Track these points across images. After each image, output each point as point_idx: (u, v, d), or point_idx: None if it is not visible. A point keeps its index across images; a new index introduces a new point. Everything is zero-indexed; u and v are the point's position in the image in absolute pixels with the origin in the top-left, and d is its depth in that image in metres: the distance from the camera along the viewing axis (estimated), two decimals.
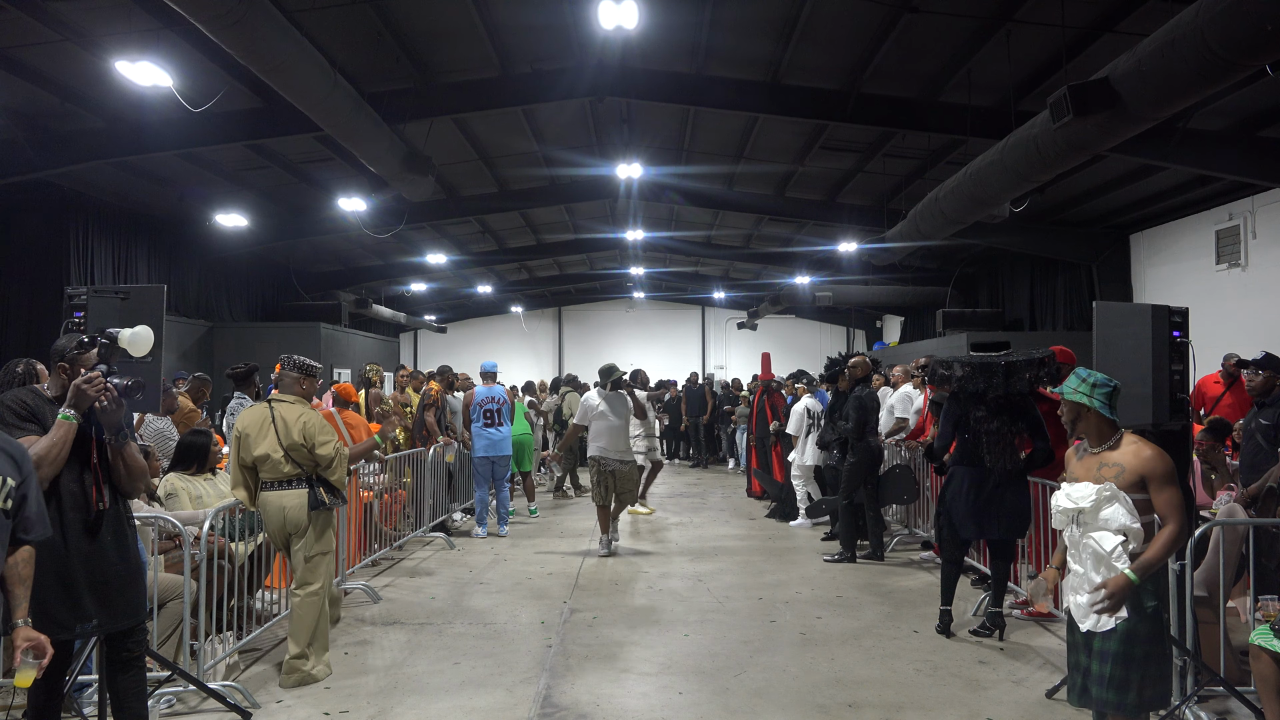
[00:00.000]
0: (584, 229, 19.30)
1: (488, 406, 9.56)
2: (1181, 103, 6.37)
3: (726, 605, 6.46)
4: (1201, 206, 12.32)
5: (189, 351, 14.88)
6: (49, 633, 3.35)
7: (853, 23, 8.61)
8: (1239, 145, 9.47)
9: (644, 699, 4.63)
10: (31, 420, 3.35)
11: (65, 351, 3.50)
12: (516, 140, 12.75)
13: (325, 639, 5.02)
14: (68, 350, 3.50)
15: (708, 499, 12.39)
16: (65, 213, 12.24)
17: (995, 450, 5.54)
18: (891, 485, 8.31)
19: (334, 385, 8.18)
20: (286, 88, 7.64)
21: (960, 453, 5.65)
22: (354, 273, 20.92)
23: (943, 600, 5.74)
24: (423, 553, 8.48)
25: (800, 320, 28.74)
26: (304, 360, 5.21)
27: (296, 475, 4.92)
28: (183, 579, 4.65)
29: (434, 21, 8.90)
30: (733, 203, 15.57)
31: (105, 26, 7.96)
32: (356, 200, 12.89)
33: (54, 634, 3.38)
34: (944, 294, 18.83)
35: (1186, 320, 4.50)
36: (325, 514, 5.01)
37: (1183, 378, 4.45)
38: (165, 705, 4.44)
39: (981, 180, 9.00)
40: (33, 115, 9.88)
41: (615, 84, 10.30)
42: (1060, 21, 7.70)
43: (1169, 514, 3.30)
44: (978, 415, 5.59)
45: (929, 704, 4.52)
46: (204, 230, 14.53)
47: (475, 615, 6.26)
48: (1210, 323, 11.19)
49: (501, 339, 29.60)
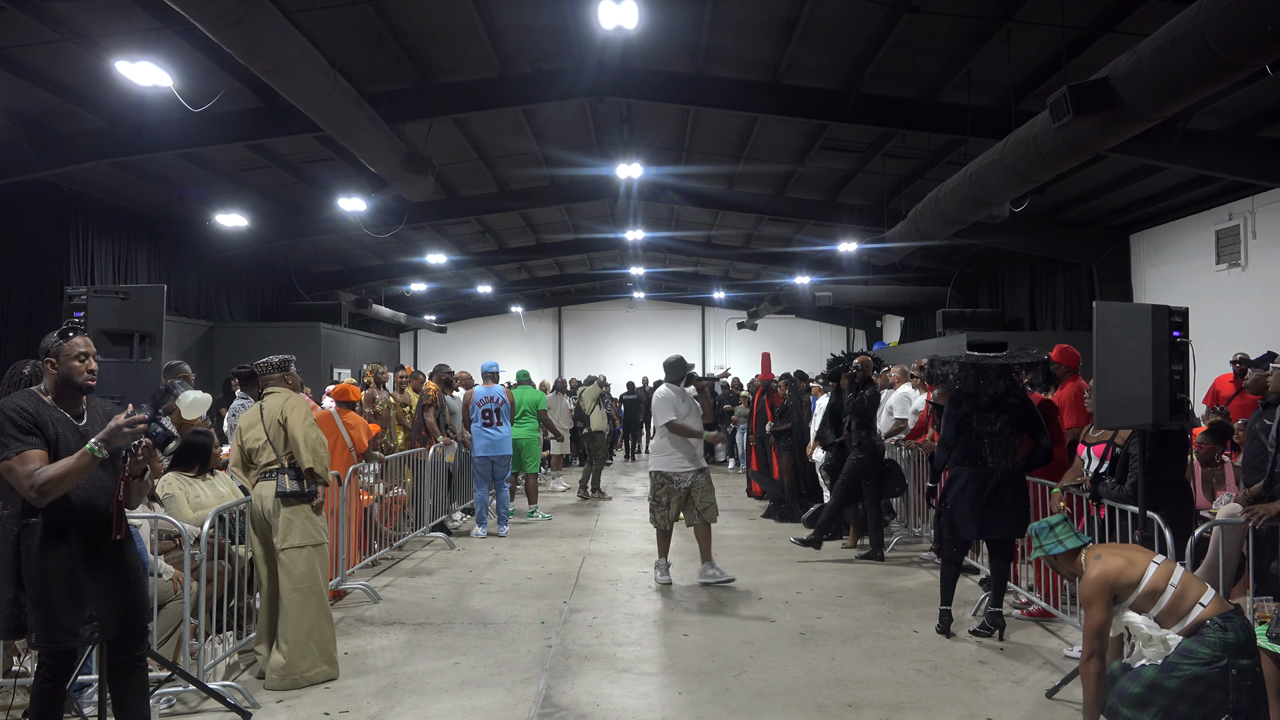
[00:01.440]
0: (584, 229, 19.30)
1: (486, 406, 9.56)
2: (1181, 103, 6.37)
3: (726, 605, 6.46)
4: (1201, 206, 12.32)
5: (189, 351, 14.87)
6: (57, 640, 3.37)
7: (853, 23, 8.61)
8: (1239, 145, 9.47)
9: (644, 699, 4.63)
10: (34, 432, 3.29)
11: (51, 347, 3.45)
12: (516, 140, 12.75)
13: (319, 640, 4.84)
14: (52, 344, 3.45)
15: None
16: (65, 213, 12.25)
17: (998, 451, 5.54)
18: (891, 478, 8.38)
19: (333, 386, 8.18)
20: (286, 88, 7.64)
21: (961, 453, 5.65)
22: (354, 273, 20.93)
23: (943, 600, 5.74)
24: (423, 553, 8.48)
25: (800, 320, 28.75)
26: (275, 358, 5.30)
27: (276, 466, 4.92)
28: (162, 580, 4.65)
29: (434, 21, 8.90)
30: (733, 203, 15.58)
31: (105, 26, 7.96)
32: (356, 200, 12.90)
33: (62, 641, 3.40)
34: (944, 294, 18.83)
35: (1186, 320, 4.49)
36: (298, 507, 4.89)
37: (1183, 378, 4.44)
38: (165, 705, 4.44)
39: (981, 180, 9.00)
40: (33, 115, 9.88)
41: (615, 84, 10.30)
42: (1060, 21, 7.70)
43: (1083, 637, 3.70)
44: (980, 416, 5.59)
45: (929, 704, 4.51)
46: (204, 230, 14.54)
47: (475, 615, 6.26)
48: (1210, 323, 11.18)
49: (501, 339, 29.60)
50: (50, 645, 3.38)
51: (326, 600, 5.00)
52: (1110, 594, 3.58)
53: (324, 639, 4.89)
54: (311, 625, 4.83)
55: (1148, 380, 4.33)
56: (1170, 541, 4.37)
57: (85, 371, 3.45)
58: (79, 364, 3.44)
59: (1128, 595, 3.58)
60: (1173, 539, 4.37)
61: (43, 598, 3.34)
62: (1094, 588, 3.60)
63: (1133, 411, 4.41)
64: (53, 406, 3.42)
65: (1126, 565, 3.61)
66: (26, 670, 4.55)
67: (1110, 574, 3.60)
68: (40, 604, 3.34)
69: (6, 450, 3.22)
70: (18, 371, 4.30)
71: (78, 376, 3.44)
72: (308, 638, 4.81)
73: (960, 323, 16.57)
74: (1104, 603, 3.58)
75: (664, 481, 7.08)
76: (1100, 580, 3.60)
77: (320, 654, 4.86)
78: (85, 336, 3.51)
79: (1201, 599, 3.47)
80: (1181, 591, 3.50)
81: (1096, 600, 3.59)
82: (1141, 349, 4.36)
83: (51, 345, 3.46)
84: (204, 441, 5.71)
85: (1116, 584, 3.58)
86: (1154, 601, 3.52)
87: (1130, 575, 3.58)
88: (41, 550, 3.34)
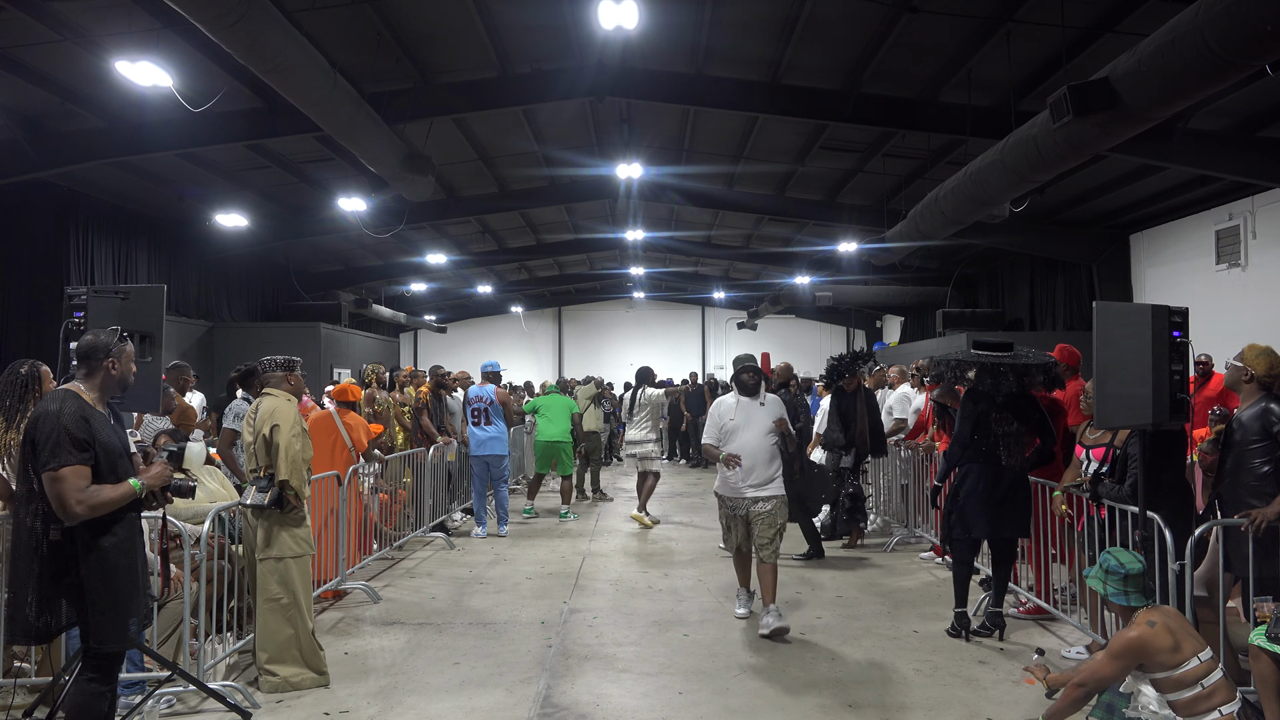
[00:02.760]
0: (584, 229, 19.31)
1: (475, 406, 9.60)
2: (1181, 103, 6.37)
3: (726, 605, 6.45)
4: (1201, 206, 12.33)
5: (189, 351, 14.87)
6: (126, 640, 3.46)
7: (853, 23, 8.62)
8: (1239, 145, 9.47)
9: (644, 699, 4.63)
10: (88, 447, 3.31)
11: (111, 348, 3.51)
12: (516, 140, 12.76)
13: (300, 651, 4.77)
14: (113, 346, 3.52)
15: (708, 499, 12.36)
16: (65, 213, 12.25)
17: (1013, 450, 5.60)
18: (819, 484, 8.44)
19: (332, 386, 8.18)
20: (286, 88, 7.64)
21: (974, 451, 5.66)
22: (354, 273, 20.94)
23: (957, 602, 5.69)
24: (423, 553, 8.48)
25: (800, 320, 28.75)
26: (280, 358, 5.20)
27: (255, 474, 4.85)
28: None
29: (434, 22, 8.90)
30: (733, 203, 15.59)
31: (105, 26, 7.97)
32: (356, 200, 12.90)
33: (129, 640, 3.50)
34: (944, 294, 18.84)
35: (1186, 320, 4.49)
36: (275, 516, 4.79)
37: (1182, 378, 4.44)
38: (165, 705, 4.43)
39: (981, 180, 9.00)
40: (33, 115, 9.88)
41: (615, 84, 10.31)
42: (1060, 21, 7.70)
43: (1086, 669, 3.67)
44: (997, 416, 5.62)
45: (929, 704, 4.51)
46: (204, 230, 14.55)
47: (475, 615, 6.26)
48: (1210, 323, 11.18)
49: (501, 339, 29.62)
50: (122, 645, 3.46)
51: (306, 612, 4.82)
52: (1138, 661, 3.50)
53: (305, 650, 4.79)
54: (288, 638, 4.75)
55: (1148, 380, 4.33)
56: (1170, 542, 4.37)
57: (133, 374, 3.62)
58: (134, 366, 3.61)
59: (1156, 671, 3.50)
60: (1173, 539, 4.36)
61: (121, 600, 3.40)
62: (1126, 649, 3.50)
63: (1133, 411, 4.41)
64: (93, 407, 3.44)
65: (1171, 649, 3.47)
66: (26, 671, 4.56)
67: (1150, 647, 3.49)
68: (114, 604, 3.37)
69: (57, 460, 3.23)
70: (14, 371, 4.29)
71: (130, 378, 3.59)
72: (284, 650, 4.74)
73: (960, 323, 16.58)
74: (1127, 665, 3.50)
75: (720, 504, 6.13)
76: (1137, 645, 3.50)
77: (305, 663, 4.78)
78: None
79: (1223, 707, 3.42)
80: (1209, 694, 3.43)
81: (1122, 660, 3.50)
82: (1141, 349, 4.35)
83: (112, 346, 3.52)
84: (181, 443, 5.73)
85: (1150, 658, 3.49)
86: (1177, 689, 3.46)
87: (1168, 660, 3.47)
88: (118, 551, 3.39)
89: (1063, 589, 5.93)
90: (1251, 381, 4.57)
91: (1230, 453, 4.58)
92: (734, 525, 5.99)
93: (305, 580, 4.88)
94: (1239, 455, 4.50)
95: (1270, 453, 4.40)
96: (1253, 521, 4.25)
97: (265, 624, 4.75)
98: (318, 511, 6.18)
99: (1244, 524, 4.29)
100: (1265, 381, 4.52)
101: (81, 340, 3.54)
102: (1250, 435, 4.45)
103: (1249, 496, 4.41)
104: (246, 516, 4.87)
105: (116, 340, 3.53)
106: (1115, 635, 3.65)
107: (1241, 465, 4.49)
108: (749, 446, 5.82)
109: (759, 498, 5.84)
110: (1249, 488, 4.43)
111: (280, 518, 4.80)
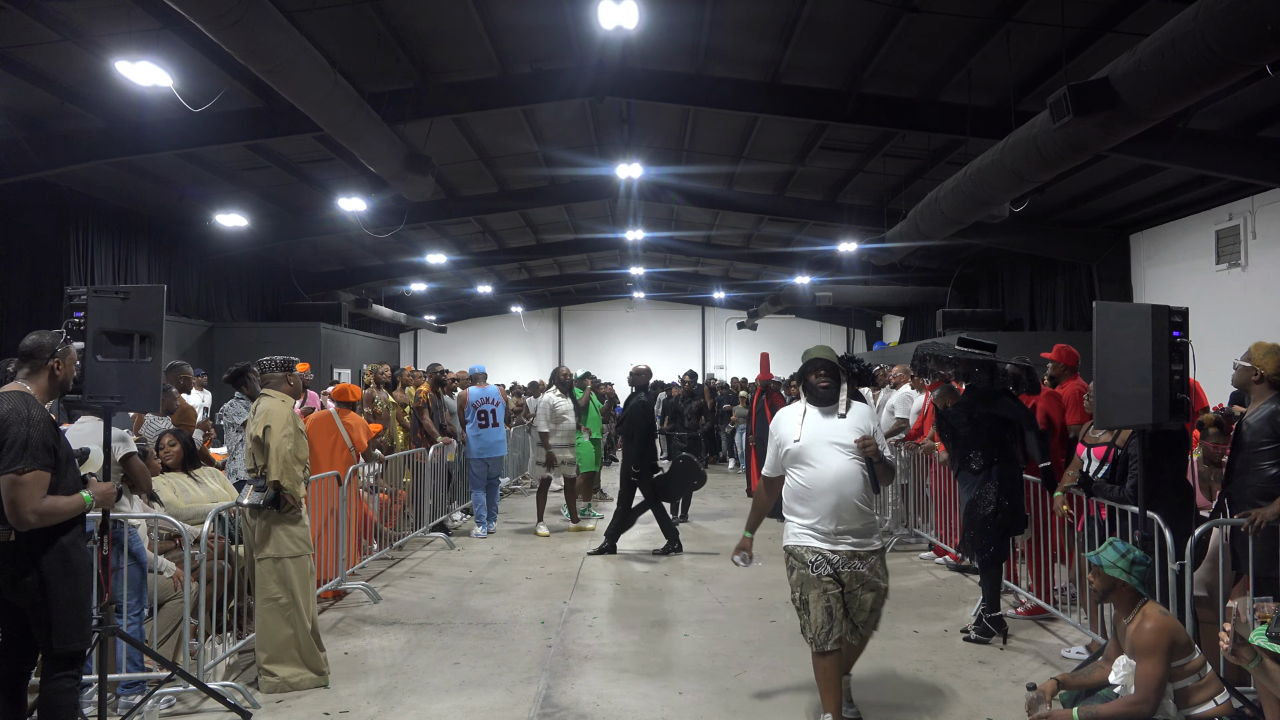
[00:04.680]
0: (584, 229, 19.31)
1: (482, 408, 9.52)
2: (1181, 103, 6.37)
3: (726, 605, 6.45)
4: (1201, 206, 12.32)
5: (189, 351, 14.88)
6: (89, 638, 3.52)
7: (853, 23, 8.61)
8: (1239, 145, 9.47)
9: (644, 699, 4.63)
10: (53, 453, 3.32)
11: (56, 348, 3.49)
12: (516, 140, 12.76)
13: (299, 651, 4.77)
14: (59, 346, 3.49)
15: (707, 499, 12.37)
16: (65, 213, 12.25)
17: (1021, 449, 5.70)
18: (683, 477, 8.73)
19: (332, 386, 8.17)
20: (286, 88, 7.64)
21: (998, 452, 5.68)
22: (354, 273, 20.93)
23: (991, 607, 5.58)
24: (423, 553, 8.48)
25: (800, 320, 28.75)
26: (279, 358, 5.20)
27: (253, 474, 4.86)
28: (162, 578, 4.64)
29: (434, 21, 8.90)
30: (733, 203, 15.58)
31: (105, 26, 7.96)
32: (356, 200, 12.90)
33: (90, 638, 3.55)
34: (944, 294, 18.83)
35: (1186, 320, 4.48)
36: (272, 516, 4.80)
37: (1182, 378, 4.43)
38: (165, 705, 4.43)
39: (981, 180, 9.00)
40: (33, 115, 9.88)
41: (615, 84, 10.30)
42: (1060, 21, 7.70)
43: (1140, 684, 3.53)
44: (973, 416, 5.66)
45: (929, 704, 4.52)
46: (204, 230, 14.55)
47: (475, 615, 6.26)
48: (1210, 323, 11.18)
49: (501, 339, 29.62)
50: (84, 643, 3.48)
51: (305, 612, 4.81)
52: (1171, 647, 3.52)
53: (305, 650, 4.79)
54: (287, 638, 4.75)
55: (1148, 380, 4.32)
56: (1170, 541, 4.37)
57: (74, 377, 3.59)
58: (75, 370, 3.57)
59: (1179, 658, 3.55)
60: (1173, 539, 4.37)
61: (83, 596, 3.43)
62: (1156, 637, 3.52)
63: (1133, 411, 4.40)
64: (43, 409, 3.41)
65: (1182, 630, 3.62)
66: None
67: (1172, 628, 3.56)
68: (76, 602, 3.39)
69: (22, 463, 3.21)
70: (3, 370, 4.28)
71: (71, 381, 3.56)
72: (283, 650, 4.74)
73: (960, 323, 16.57)
74: (1165, 655, 3.51)
75: (793, 565, 4.16)
76: (1164, 630, 3.54)
77: (304, 663, 4.78)
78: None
79: (1217, 697, 3.54)
80: (1204, 685, 3.57)
81: (1159, 650, 3.50)
82: (1141, 349, 4.35)
83: (58, 347, 3.49)
84: (184, 439, 5.73)
85: (1176, 640, 3.54)
86: (1181, 679, 3.55)
87: (1184, 639, 3.58)
88: (76, 548, 3.41)
89: (1063, 589, 5.93)
90: (1261, 381, 4.44)
91: (1239, 454, 4.52)
92: (825, 599, 3.98)
93: (305, 580, 4.88)
94: (1248, 457, 4.43)
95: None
96: (1252, 521, 4.24)
97: (264, 624, 4.75)
98: (318, 512, 6.18)
99: (1244, 524, 4.29)
100: (1275, 380, 4.41)
101: (26, 339, 3.51)
102: (1260, 438, 4.36)
103: (1256, 498, 4.36)
104: (245, 517, 4.88)
105: (61, 342, 3.50)
106: (1135, 634, 3.60)
107: (1250, 467, 4.42)
108: (827, 477, 4.05)
109: (856, 552, 4.06)
110: (1257, 489, 4.37)
111: (277, 518, 4.81)
